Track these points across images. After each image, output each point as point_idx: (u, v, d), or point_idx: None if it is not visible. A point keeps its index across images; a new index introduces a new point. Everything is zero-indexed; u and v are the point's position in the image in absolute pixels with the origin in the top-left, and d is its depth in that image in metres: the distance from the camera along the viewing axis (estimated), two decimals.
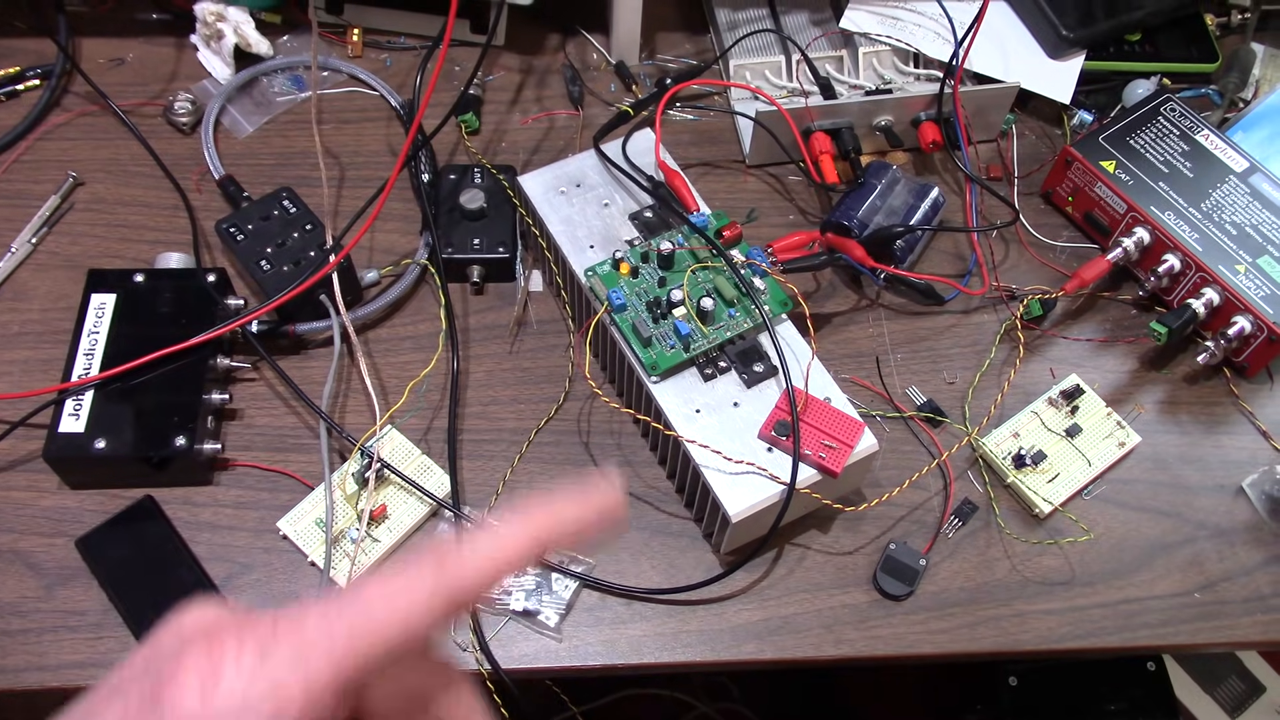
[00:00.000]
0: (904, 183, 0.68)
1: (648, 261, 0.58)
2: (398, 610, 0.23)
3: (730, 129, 0.74)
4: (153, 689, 0.21)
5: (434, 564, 0.24)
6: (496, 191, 0.67)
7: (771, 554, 0.57)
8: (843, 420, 0.53)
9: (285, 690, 0.21)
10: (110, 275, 0.60)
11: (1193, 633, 0.56)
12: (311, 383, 0.60)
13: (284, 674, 0.21)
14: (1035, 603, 0.56)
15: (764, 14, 0.77)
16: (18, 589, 0.54)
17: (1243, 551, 0.59)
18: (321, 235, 0.63)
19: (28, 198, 0.67)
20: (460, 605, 0.24)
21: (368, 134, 0.73)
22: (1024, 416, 0.62)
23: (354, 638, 0.22)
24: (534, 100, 0.75)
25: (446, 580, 0.24)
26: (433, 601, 0.23)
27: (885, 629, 0.55)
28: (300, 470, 0.58)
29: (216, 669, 0.21)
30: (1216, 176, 0.66)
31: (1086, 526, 0.59)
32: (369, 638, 0.22)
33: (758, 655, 0.54)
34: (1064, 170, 0.69)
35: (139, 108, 0.72)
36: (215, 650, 0.22)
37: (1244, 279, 0.62)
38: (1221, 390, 0.65)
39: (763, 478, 0.52)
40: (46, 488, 0.57)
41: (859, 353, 0.65)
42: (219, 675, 0.21)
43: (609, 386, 0.62)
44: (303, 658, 0.22)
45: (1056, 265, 0.69)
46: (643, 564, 0.56)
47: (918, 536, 0.58)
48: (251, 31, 0.73)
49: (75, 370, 0.56)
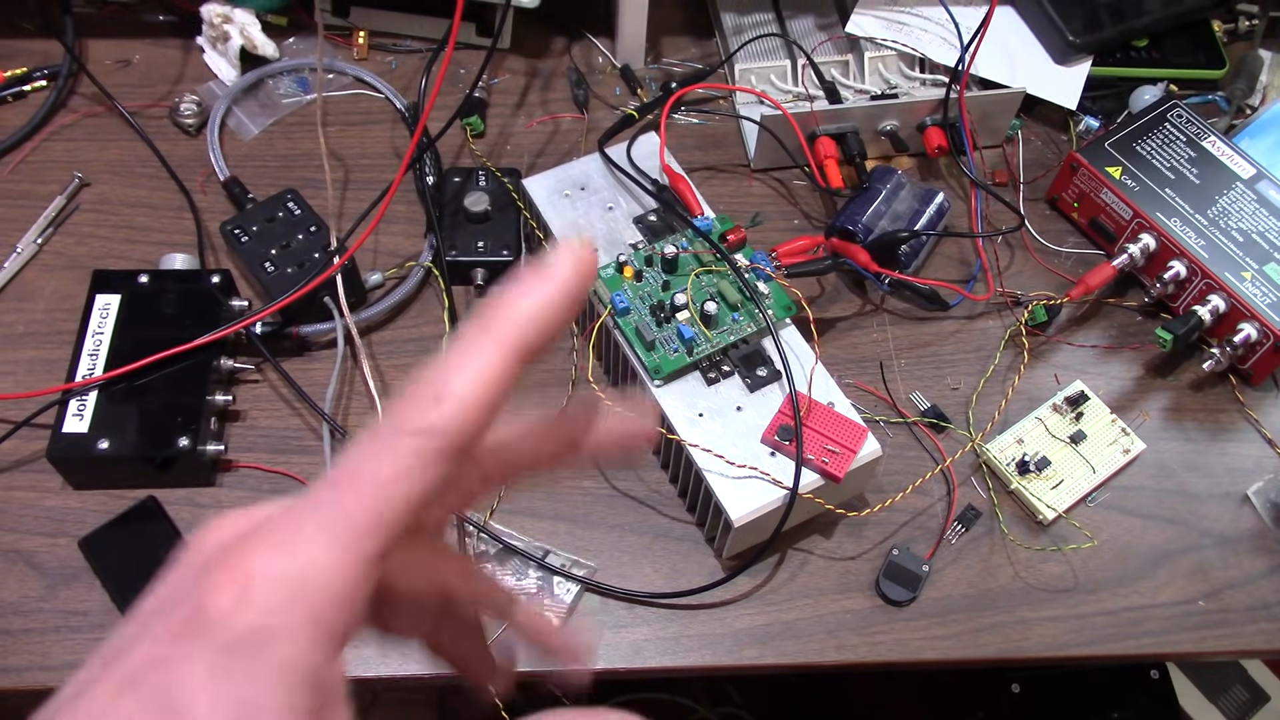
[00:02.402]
0: (909, 188, 0.68)
1: (652, 265, 0.58)
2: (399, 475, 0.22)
3: (735, 133, 0.74)
4: (186, 616, 0.21)
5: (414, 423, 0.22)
6: (501, 194, 0.67)
7: (774, 559, 0.57)
8: (846, 425, 0.53)
9: (314, 584, 0.21)
10: (115, 276, 0.60)
11: (1197, 641, 0.56)
12: (315, 385, 0.60)
13: (308, 569, 0.21)
14: (1039, 609, 0.56)
15: (770, 18, 0.77)
16: (20, 589, 0.54)
17: (1247, 560, 0.58)
18: (326, 237, 0.63)
19: (34, 198, 0.67)
20: (457, 452, 0.23)
21: (373, 136, 0.73)
22: (1028, 422, 0.62)
23: (363, 516, 0.22)
24: (539, 103, 0.75)
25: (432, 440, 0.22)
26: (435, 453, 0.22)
27: (888, 635, 0.55)
28: (303, 472, 0.58)
29: (242, 584, 0.21)
30: (1223, 183, 0.66)
31: (1090, 533, 0.58)
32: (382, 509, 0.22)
33: (759, 660, 0.54)
34: (1070, 176, 0.69)
35: (145, 109, 0.72)
36: (236, 564, 0.21)
37: (1250, 286, 0.62)
38: (1227, 397, 0.64)
39: (765, 482, 0.52)
40: (50, 488, 0.57)
41: (863, 358, 0.64)
42: (245, 589, 0.21)
43: (612, 390, 0.62)
44: (323, 549, 0.21)
45: (1062, 271, 0.69)
46: (644, 567, 0.56)
47: (921, 542, 0.58)
48: (257, 33, 0.73)
49: (79, 371, 0.56)
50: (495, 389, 0.23)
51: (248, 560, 0.21)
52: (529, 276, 0.24)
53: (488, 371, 0.23)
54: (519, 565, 0.56)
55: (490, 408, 0.23)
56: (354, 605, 0.22)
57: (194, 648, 0.20)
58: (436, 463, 0.22)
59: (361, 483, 0.22)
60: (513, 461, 0.28)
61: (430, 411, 0.22)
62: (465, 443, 0.23)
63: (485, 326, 0.23)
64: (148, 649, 0.21)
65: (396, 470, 0.22)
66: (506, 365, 0.23)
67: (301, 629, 0.21)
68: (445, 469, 0.23)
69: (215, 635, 0.20)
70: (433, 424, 0.22)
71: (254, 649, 0.20)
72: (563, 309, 0.24)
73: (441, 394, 0.23)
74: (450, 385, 0.23)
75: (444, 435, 0.22)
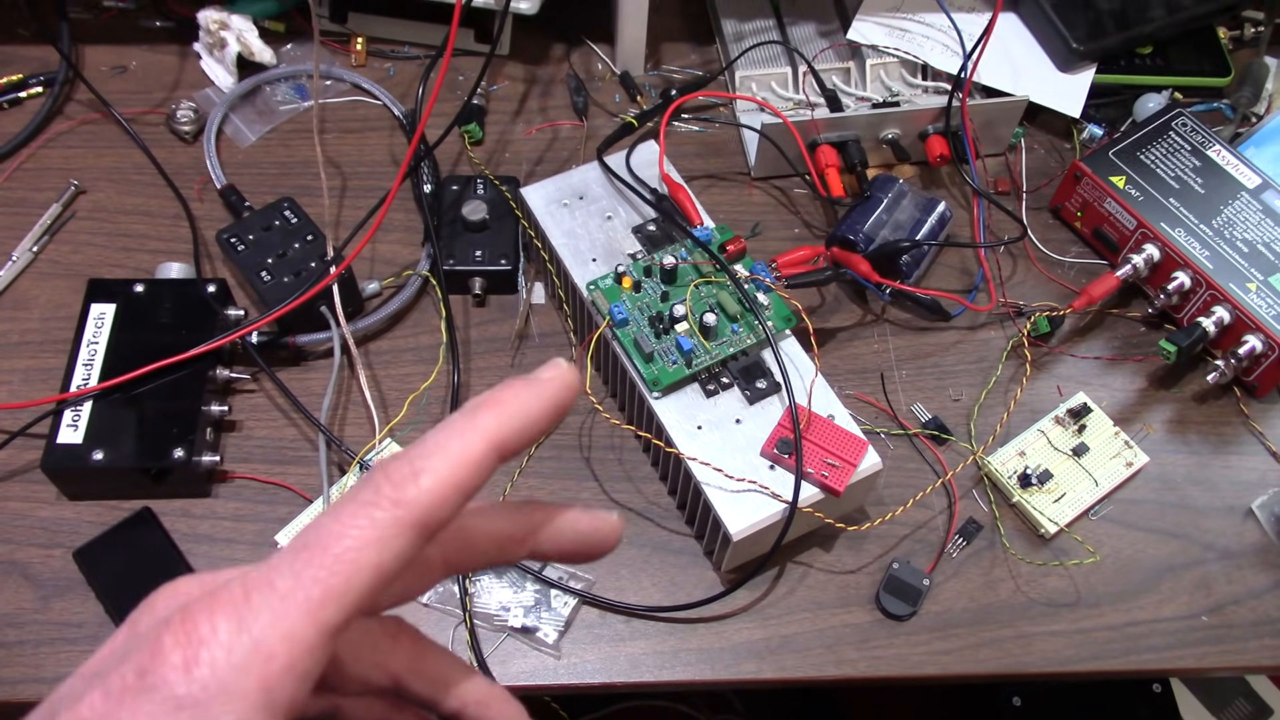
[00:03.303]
0: (911, 197, 0.67)
1: (650, 275, 0.57)
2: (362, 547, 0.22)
3: (735, 141, 0.74)
4: (136, 672, 0.21)
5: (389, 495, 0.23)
6: (499, 203, 0.66)
7: (773, 572, 0.56)
8: (846, 438, 0.53)
9: (267, 650, 0.21)
10: (110, 285, 0.60)
11: (1199, 656, 0.55)
12: (311, 395, 0.60)
13: (263, 635, 0.21)
14: (1040, 624, 0.56)
15: (771, 25, 0.77)
16: (14, 600, 0.54)
17: (1251, 574, 0.58)
18: (323, 246, 0.62)
19: (29, 205, 0.67)
20: (426, 529, 0.23)
21: (370, 144, 0.72)
22: (1030, 435, 0.61)
23: (327, 583, 0.22)
24: (538, 111, 0.75)
25: (406, 512, 0.23)
26: (399, 529, 0.23)
27: (888, 649, 0.55)
28: (299, 483, 0.58)
29: (195, 645, 0.21)
30: (1228, 193, 0.66)
31: (1093, 547, 0.58)
32: (342, 582, 0.22)
33: (758, 675, 0.54)
34: (1073, 185, 0.68)
35: (141, 116, 0.72)
36: (190, 625, 0.21)
37: (1255, 297, 0.61)
38: (1231, 410, 0.64)
39: (765, 496, 0.52)
40: (44, 498, 0.57)
41: (863, 369, 0.64)
42: (198, 650, 0.21)
43: (610, 401, 0.61)
44: (279, 615, 0.21)
45: (1065, 281, 0.68)
46: (643, 581, 0.56)
47: (921, 556, 0.57)
48: (254, 40, 0.72)
49: (74, 380, 0.56)
50: (471, 474, 0.24)
51: (202, 621, 0.21)
52: (519, 382, 0.25)
53: (467, 456, 0.24)
54: (516, 578, 0.55)
55: (464, 492, 0.24)
56: (305, 676, 0.22)
57: (142, 703, 0.21)
58: (405, 536, 0.23)
59: (327, 549, 0.22)
60: (474, 549, 0.28)
61: (406, 485, 0.23)
62: (436, 521, 0.23)
63: (470, 415, 0.24)
64: (98, 701, 0.21)
65: (363, 539, 0.22)
66: (484, 455, 0.24)
67: (252, 693, 0.21)
68: (413, 544, 0.23)
69: (165, 692, 0.21)
70: (407, 497, 0.23)
71: (202, 710, 0.20)
72: (544, 419, 0.25)
73: (419, 469, 0.23)
74: (429, 462, 0.23)
75: (416, 509, 0.23)
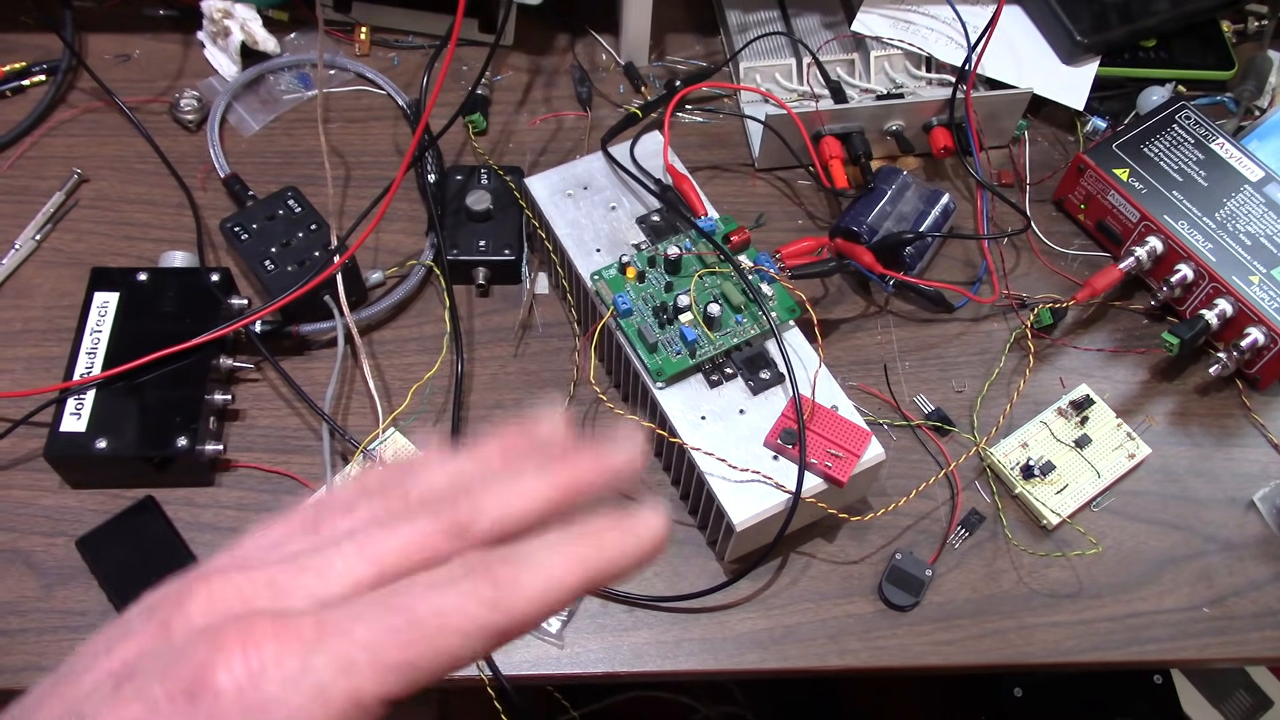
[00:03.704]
0: (914, 188, 0.67)
1: (654, 266, 0.57)
2: (450, 633, 0.21)
3: (739, 132, 0.74)
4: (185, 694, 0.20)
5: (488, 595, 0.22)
6: (503, 193, 0.66)
7: (776, 562, 0.57)
8: (849, 429, 0.53)
9: (329, 699, 0.20)
10: (114, 273, 0.60)
11: (1201, 648, 0.56)
12: (314, 384, 0.60)
13: (330, 682, 0.20)
14: (1042, 615, 0.56)
15: (775, 16, 0.77)
16: (17, 588, 0.54)
17: (1253, 566, 0.58)
18: (326, 235, 0.62)
19: (32, 194, 0.67)
20: (501, 644, 0.22)
21: (374, 133, 0.72)
22: (1033, 426, 0.61)
23: (405, 653, 0.21)
24: (542, 101, 0.75)
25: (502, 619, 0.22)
26: (486, 631, 0.22)
27: (890, 640, 0.55)
28: (302, 472, 0.58)
29: (255, 669, 0.20)
30: (1231, 185, 0.66)
31: (1095, 539, 0.58)
32: (419, 657, 0.21)
33: (760, 665, 0.54)
34: (1076, 177, 0.68)
35: (145, 104, 0.72)
36: (253, 646, 0.20)
37: (1258, 290, 0.61)
38: (1233, 402, 0.64)
39: (768, 486, 0.52)
40: (47, 487, 0.57)
41: (867, 360, 0.64)
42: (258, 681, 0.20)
43: (614, 391, 0.61)
44: (350, 668, 0.20)
45: (1068, 274, 0.68)
46: (646, 571, 0.56)
47: (924, 547, 0.57)
48: (258, 29, 0.72)
49: (77, 369, 0.56)
50: (560, 602, 0.23)
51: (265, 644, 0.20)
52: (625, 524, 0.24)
53: (567, 583, 0.23)
54: None
55: (547, 616, 0.23)
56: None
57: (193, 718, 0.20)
58: (488, 641, 0.22)
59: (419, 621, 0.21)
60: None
61: (508, 593, 0.22)
62: (514, 635, 0.22)
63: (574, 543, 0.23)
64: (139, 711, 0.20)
65: (455, 627, 0.21)
66: (580, 587, 0.23)
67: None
68: (488, 649, 0.22)
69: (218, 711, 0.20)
70: (504, 604, 0.22)
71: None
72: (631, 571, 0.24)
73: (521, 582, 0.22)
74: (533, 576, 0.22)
75: (506, 620, 0.22)
